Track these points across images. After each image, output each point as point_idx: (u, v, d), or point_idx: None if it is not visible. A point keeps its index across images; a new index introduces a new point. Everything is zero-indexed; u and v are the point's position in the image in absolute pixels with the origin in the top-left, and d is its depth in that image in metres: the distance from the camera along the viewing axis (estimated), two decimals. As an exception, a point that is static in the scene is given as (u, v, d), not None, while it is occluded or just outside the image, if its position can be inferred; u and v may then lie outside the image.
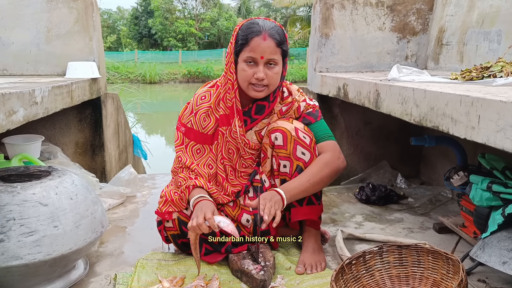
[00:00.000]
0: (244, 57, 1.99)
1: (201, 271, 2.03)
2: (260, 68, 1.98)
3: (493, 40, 2.74)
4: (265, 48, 1.95)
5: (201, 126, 2.14)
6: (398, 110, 2.04)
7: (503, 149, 1.32)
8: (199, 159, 2.16)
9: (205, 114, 2.14)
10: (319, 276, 2.01)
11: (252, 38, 1.96)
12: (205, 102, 2.15)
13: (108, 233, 2.54)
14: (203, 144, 2.16)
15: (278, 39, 1.97)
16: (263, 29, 1.96)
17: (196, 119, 2.14)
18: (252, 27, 1.98)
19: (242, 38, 1.98)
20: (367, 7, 3.46)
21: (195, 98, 2.18)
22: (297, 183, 2.03)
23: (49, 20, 3.40)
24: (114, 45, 40.75)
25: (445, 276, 1.70)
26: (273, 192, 1.97)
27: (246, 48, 1.97)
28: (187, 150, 2.15)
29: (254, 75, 1.98)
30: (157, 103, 16.74)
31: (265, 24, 1.99)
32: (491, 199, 1.97)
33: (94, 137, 3.54)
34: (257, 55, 1.96)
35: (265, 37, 1.95)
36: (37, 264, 1.68)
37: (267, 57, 1.97)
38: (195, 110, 2.15)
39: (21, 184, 1.77)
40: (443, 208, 2.97)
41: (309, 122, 2.17)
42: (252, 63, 1.99)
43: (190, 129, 2.15)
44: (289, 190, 1.99)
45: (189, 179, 2.08)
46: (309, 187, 2.03)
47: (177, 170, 2.17)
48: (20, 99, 2.00)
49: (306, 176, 2.04)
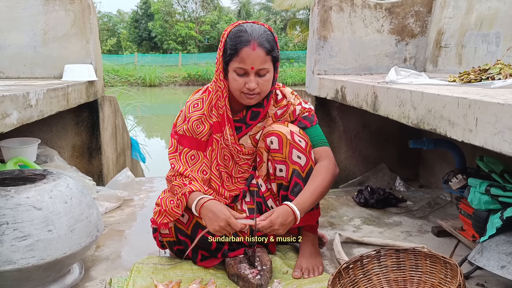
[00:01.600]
0: (234, 67, 1.95)
1: (197, 276, 2.02)
2: (251, 78, 1.95)
3: (492, 42, 2.73)
4: (255, 58, 1.91)
5: (195, 132, 2.11)
6: (395, 112, 2.02)
7: (500, 152, 1.31)
8: (193, 166, 2.11)
9: (198, 121, 2.11)
10: (317, 280, 2.00)
11: (241, 49, 1.91)
12: (198, 110, 2.12)
13: (104, 237, 2.52)
14: (197, 151, 2.13)
15: (268, 47, 1.93)
16: (252, 38, 1.91)
17: (189, 126, 2.10)
18: (240, 35, 1.93)
19: (231, 48, 1.94)
20: (365, 10, 3.45)
21: (187, 106, 2.15)
22: (309, 194, 1.98)
23: (45, 22, 3.39)
24: (114, 48, 40.72)
25: (443, 280, 1.68)
26: (288, 211, 1.91)
27: (236, 58, 1.93)
28: (181, 157, 2.11)
29: (245, 85, 1.96)
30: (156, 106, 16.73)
31: (253, 31, 1.93)
32: (489, 202, 1.95)
33: (91, 140, 3.52)
34: (247, 66, 1.93)
35: (254, 47, 1.90)
36: (30, 268, 1.66)
37: (257, 67, 1.93)
38: (187, 117, 2.12)
39: (15, 188, 1.75)
40: (442, 211, 2.96)
41: (304, 126, 2.15)
42: (243, 74, 1.96)
43: (183, 136, 2.12)
44: (302, 204, 1.94)
45: (183, 186, 2.03)
46: (318, 197, 2.01)
47: (170, 178, 2.14)
48: (13, 102, 1.98)
49: (316, 187, 2.00)
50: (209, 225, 1.91)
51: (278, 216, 1.88)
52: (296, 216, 1.91)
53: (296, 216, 1.91)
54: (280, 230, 1.89)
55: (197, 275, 2.03)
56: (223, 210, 1.88)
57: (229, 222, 1.85)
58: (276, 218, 1.87)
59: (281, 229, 1.89)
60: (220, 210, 1.88)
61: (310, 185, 2.01)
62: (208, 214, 1.90)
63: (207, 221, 1.91)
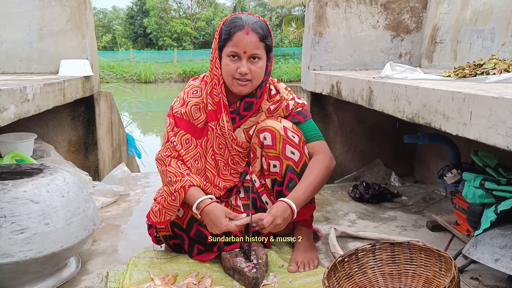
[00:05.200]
0: (227, 51, 1.98)
1: (194, 269, 2.03)
2: (243, 62, 1.97)
3: (487, 38, 2.75)
4: (248, 42, 1.94)
5: (192, 117, 2.10)
6: (390, 107, 2.03)
7: (494, 145, 1.32)
8: (187, 150, 2.10)
9: (195, 107, 2.11)
10: (312, 274, 2.01)
11: (235, 33, 1.95)
12: (197, 97, 2.12)
13: (100, 231, 2.53)
14: (192, 135, 2.11)
15: (261, 33, 1.97)
16: (246, 24, 1.95)
17: (186, 109, 2.10)
18: (235, 21, 1.97)
19: (225, 33, 1.98)
20: (361, 5, 3.45)
21: (185, 91, 2.16)
22: (304, 189, 2.00)
23: (41, 18, 3.39)
24: (110, 44, 40.60)
25: (437, 274, 1.70)
26: (285, 206, 1.93)
27: (229, 43, 1.97)
28: (177, 137, 2.10)
29: (237, 70, 1.98)
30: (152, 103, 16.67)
31: (248, 18, 1.98)
32: (483, 196, 1.97)
33: (87, 135, 3.53)
34: (240, 49, 1.95)
35: (247, 32, 1.94)
36: (28, 261, 1.67)
37: (250, 52, 1.96)
38: (186, 101, 2.12)
39: (12, 182, 1.76)
40: (436, 206, 2.98)
41: (298, 121, 2.16)
42: (235, 58, 1.98)
43: (180, 119, 2.11)
44: (298, 199, 1.97)
45: (180, 175, 2.02)
46: (313, 191, 2.03)
47: (164, 159, 2.09)
48: (11, 96, 1.99)
49: (310, 181, 2.02)
50: (208, 227, 1.98)
51: (276, 212, 1.91)
52: (293, 211, 1.93)
53: (293, 210, 1.93)
54: (281, 225, 1.91)
55: (193, 269, 2.04)
56: (220, 218, 1.91)
57: (226, 229, 1.91)
58: (275, 215, 1.90)
59: (282, 224, 1.92)
60: (217, 217, 1.91)
61: (304, 179, 2.03)
62: (207, 219, 1.95)
63: (206, 223, 1.98)
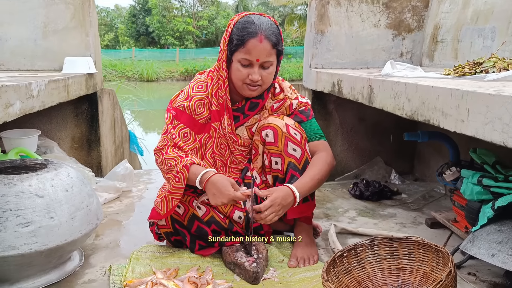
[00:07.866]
0: (239, 58, 1.97)
1: (195, 263, 2.05)
2: (255, 69, 1.97)
3: (487, 37, 2.77)
4: (261, 50, 1.94)
5: (195, 112, 2.10)
6: (390, 104, 2.06)
7: (491, 141, 1.34)
8: (185, 143, 2.09)
9: (200, 102, 2.11)
10: (312, 269, 2.04)
11: (248, 40, 1.93)
12: (202, 92, 2.12)
13: (103, 226, 2.56)
14: (191, 130, 2.10)
15: (275, 40, 1.96)
16: (259, 30, 1.93)
17: (190, 104, 2.09)
18: (248, 27, 1.95)
19: (238, 38, 1.96)
20: (362, 4, 3.48)
21: (191, 85, 2.16)
22: (309, 179, 2.02)
23: (46, 15, 3.42)
24: (112, 43, 40.65)
25: (435, 268, 1.72)
26: (288, 191, 1.94)
27: (242, 49, 1.95)
28: (175, 130, 2.09)
29: (248, 76, 1.98)
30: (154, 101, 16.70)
31: (261, 24, 1.95)
32: (481, 193, 2.00)
33: (90, 132, 3.56)
34: (253, 57, 1.95)
35: (261, 39, 1.93)
36: (33, 254, 1.70)
37: (262, 60, 1.96)
38: (190, 95, 2.12)
39: (17, 176, 1.79)
40: (436, 204, 3.00)
41: (300, 120, 2.18)
42: (247, 65, 1.98)
43: (182, 112, 2.10)
44: (302, 187, 1.98)
45: (179, 158, 2.00)
46: (317, 183, 2.05)
47: (161, 148, 2.07)
48: (16, 92, 2.02)
49: (315, 173, 2.04)
50: (212, 199, 1.93)
51: (277, 196, 1.91)
52: (295, 197, 1.94)
53: (295, 197, 1.94)
54: (280, 211, 1.91)
55: (194, 263, 2.06)
56: (227, 187, 1.89)
57: (233, 198, 1.89)
58: (276, 198, 1.90)
59: (281, 210, 1.91)
60: (224, 186, 1.89)
61: (309, 171, 2.05)
62: (213, 189, 1.91)
63: (211, 196, 1.93)
